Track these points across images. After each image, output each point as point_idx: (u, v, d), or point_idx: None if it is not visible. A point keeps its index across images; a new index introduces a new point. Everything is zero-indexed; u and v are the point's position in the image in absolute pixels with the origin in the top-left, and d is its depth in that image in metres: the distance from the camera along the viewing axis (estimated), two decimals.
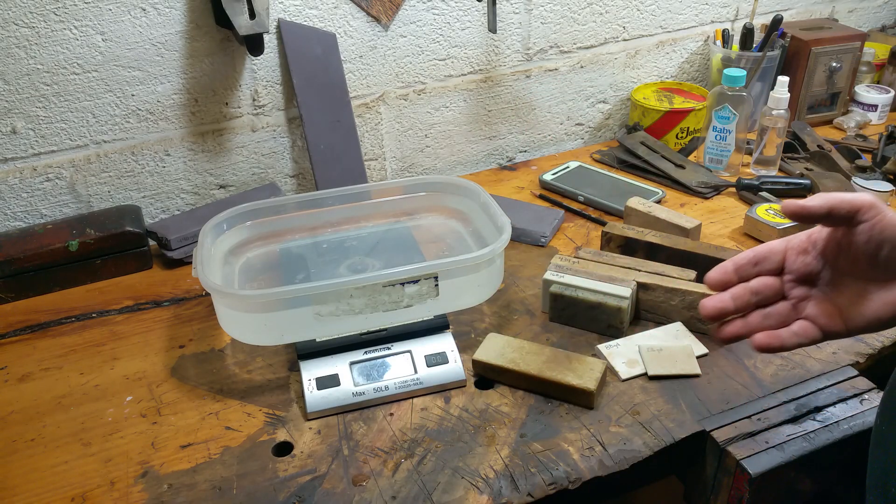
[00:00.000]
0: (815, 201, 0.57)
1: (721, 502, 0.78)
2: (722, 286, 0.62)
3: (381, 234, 1.03)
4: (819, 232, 0.61)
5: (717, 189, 1.22)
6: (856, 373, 0.84)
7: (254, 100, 1.14)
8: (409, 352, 0.84)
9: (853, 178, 1.20)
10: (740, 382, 0.83)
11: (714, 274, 0.62)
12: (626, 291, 0.89)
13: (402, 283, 0.83)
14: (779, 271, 0.62)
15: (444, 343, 0.85)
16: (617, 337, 0.89)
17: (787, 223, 1.06)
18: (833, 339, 0.60)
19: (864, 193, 0.58)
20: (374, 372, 0.83)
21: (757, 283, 0.62)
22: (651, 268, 0.93)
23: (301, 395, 0.82)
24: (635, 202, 1.08)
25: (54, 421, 0.81)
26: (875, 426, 0.60)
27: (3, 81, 0.99)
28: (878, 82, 1.52)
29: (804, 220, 0.58)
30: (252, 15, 1.00)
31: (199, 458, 0.76)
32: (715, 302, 0.61)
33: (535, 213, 1.16)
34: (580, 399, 0.80)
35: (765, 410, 0.79)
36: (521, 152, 1.41)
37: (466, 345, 0.89)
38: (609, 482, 0.73)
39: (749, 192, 1.20)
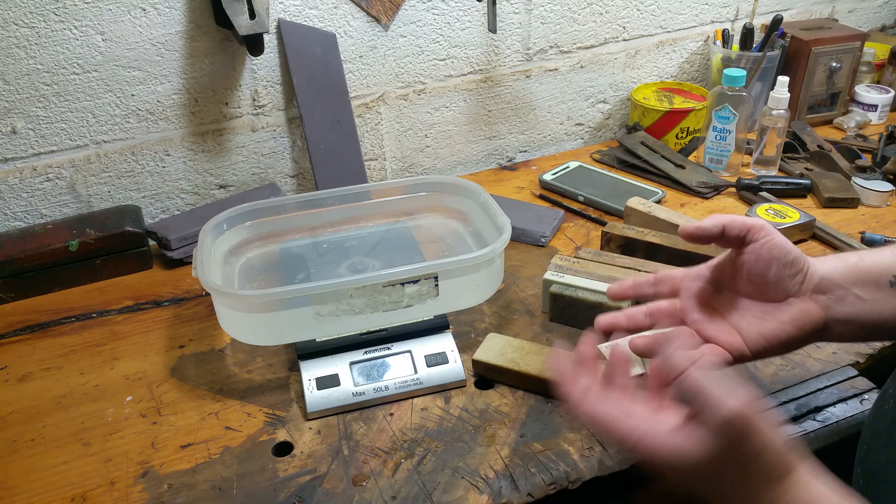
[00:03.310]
0: (709, 222, 0.61)
1: None
2: (619, 298, 0.68)
3: (381, 234, 1.03)
4: (715, 260, 0.65)
5: (717, 189, 1.23)
6: (856, 373, 0.84)
7: (254, 100, 1.14)
8: (409, 352, 0.84)
9: (853, 178, 1.20)
10: (740, 382, 0.83)
11: (614, 287, 0.68)
12: None
13: (402, 283, 0.83)
14: (674, 295, 0.67)
15: (444, 343, 0.85)
16: (617, 337, 0.89)
17: (787, 223, 1.06)
18: (740, 363, 0.62)
19: (756, 218, 0.63)
20: (374, 372, 0.83)
21: (652, 306, 0.67)
22: (651, 268, 0.93)
23: (301, 395, 0.82)
24: (635, 202, 1.08)
25: (54, 421, 0.81)
26: (857, 485, 0.60)
27: (3, 81, 0.99)
28: (878, 82, 1.52)
29: (699, 239, 0.62)
30: (252, 15, 1.00)
31: (199, 458, 0.76)
32: (608, 318, 0.67)
33: (535, 213, 1.16)
34: None
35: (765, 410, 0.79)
36: (521, 152, 1.41)
37: (466, 345, 0.89)
38: (609, 482, 0.73)
39: (749, 192, 1.20)
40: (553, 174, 1.26)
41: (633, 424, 0.52)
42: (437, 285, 0.84)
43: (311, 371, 0.82)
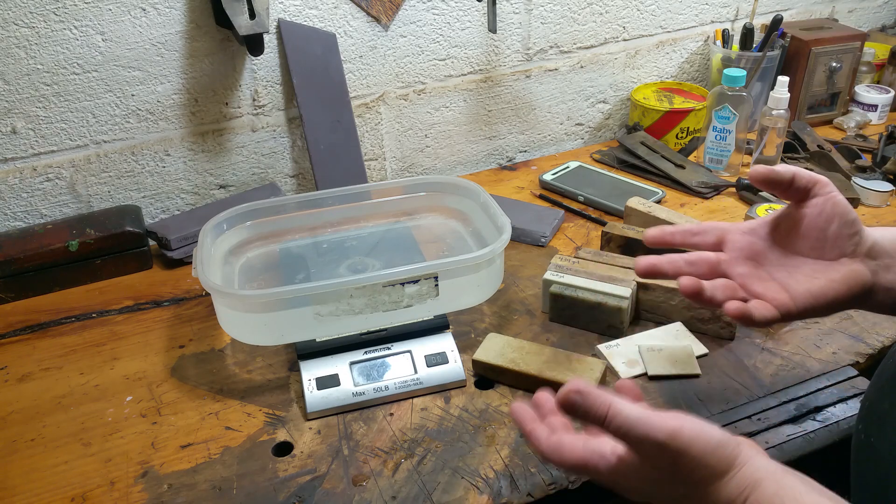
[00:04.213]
0: (781, 168, 0.60)
1: None
2: (657, 243, 0.66)
3: (381, 234, 1.03)
4: (766, 217, 0.65)
5: (717, 189, 1.22)
6: (856, 373, 0.84)
7: (254, 100, 1.14)
8: (409, 352, 0.84)
9: (853, 178, 1.20)
10: (740, 382, 0.83)
11: (652, 231, 0.66)
12: (626, 291, 0.89)
13: (402, 283, 0.83)
14: (716, 247, 0.66)
15: (444, 343, 0.85)
16: (617, 337, 0.89)
17: None
18: (784, 321, 0.62)
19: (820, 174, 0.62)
20: (374, 372, 0.83)
21: (693, 255, 0.65)
22: None
23: (301, 395, 0.82)
24: (635, 202, 1.08)
25: (54, 421, 0.81)
26: (859, 440, 0.60)
27: (3, 81, 0.99)
28: (878, 82, 1.52)
29: (770, 183, 0.61)
30: (252, 15, 1.00)
31: (199, 458, 0.76)
32: (650, 259, 0.65)
33: (535, 213, 1.16)
34: None
35: (765, 410, 0.79)
36: (521, 152, 1.41)
37: (466, 345, 0.89)
38: None
39: (749, 192, 1.19)
40: (553, 174, 1.26)
41: (593, 446, 0.52)
42: (437, 285, 0.84)
43: (311, 371, 0.82)
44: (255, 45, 1.04)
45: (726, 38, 1.40)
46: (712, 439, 0.49)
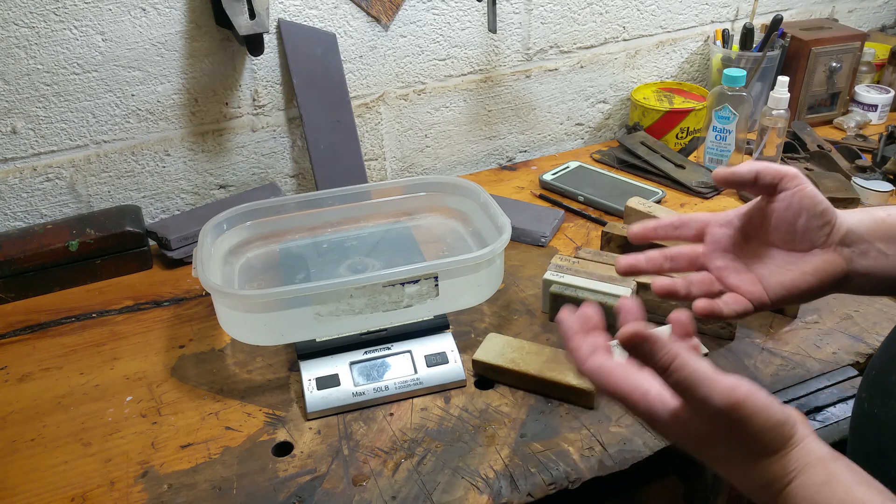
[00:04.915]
0: (743, 168, 0.60)
1: (721, 502, 0.78)
2: (641, 239, 0.66)
3: (381, 234, 1.03)
4: (744, 207, 0.65)
5: (717, 189, 1.22)
6: (856, 373, 0.84)
7: (254, 100, 1.14)
8: (409, 352, 0.84)
9: (853, 178, 1.20)
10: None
11: (635, 227, 0.66)
12: (626, 291, 0.89)
13: (402, 283, 0.83)
14: (698, 239, 0.66)
15: (444, 343, 0.85)
16: None
17: None
18: (758, 311, 0.62)
19: (789, 166, 0.61)
20: (374, 372, 0.83)
21: (672, 250, 0.66)
22: None
23: (301, 395, 0.82)
24: (635, 202, 1.08)
25: (54, 421, 0.81)
26: (861, 408, 0.60)
27: (3, 81, 0.99)
28: (878, 82, 1.52)
29: (733, 185, 0.61)
30: (252, 15, 1.00)
31: (199, 458, 0.76)
32: (629, 259, 0.65)
33: (535, 213, 1.16)
34: (580, 399, 0.80)
35: None
36: (521, 152, 1.41)
37: (466, 345, 0.89)
38: (609, 482, 0.73)
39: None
40: (553, 174, 1.26)
41: (637, 381, 0.51)
42: (437, 285, 0.84)
43: (311, 371, 0.82)
44: (255, 45, 1.04)
45: (726, 38, 1.40)
46: (773, 416, 0.48)
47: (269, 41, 1.11)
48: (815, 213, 0.60)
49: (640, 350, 0.49)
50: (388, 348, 0.84)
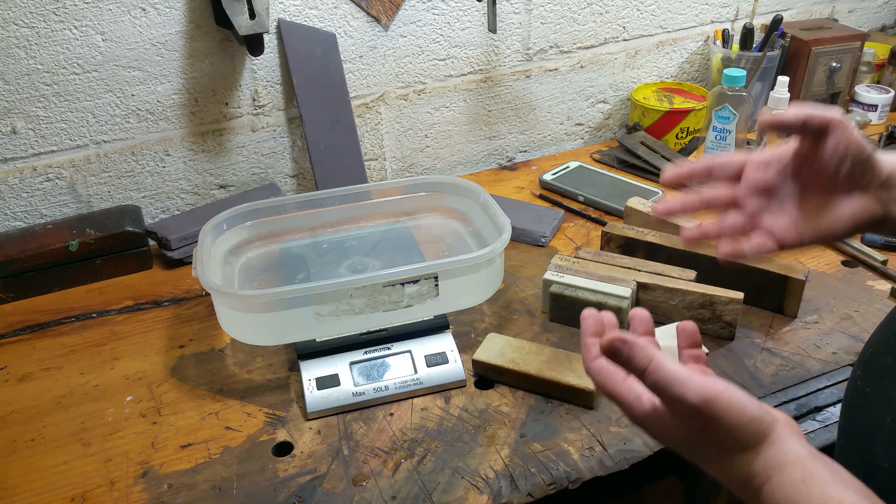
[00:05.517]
0: (790, 112, 0.59)
1: (721, 502, 0.78)
2: (675, 184, 0.66)
3: (381, 234, 1.03)
4: (784, 148, 0.64)
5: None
6: None
7: (254, 100, 1.14)
8: (409, 352, 0.84)
9: None
10: (740, 382, 0.83)
11: (669, 172, 0.66)
12: (626, 291, 0.89)
13: (402, 283, 0.83)
14: (732, 181, 0.66)
15: (444, 343, 0.85)
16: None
17: None
18: (786, 250, 0.63)
19: (835, 111, 0.60)
20: (374, 372, 0.83)
21: (709, 194, 0.66)
22: (651, 268, 0.94)
23: (301, 395, 0.82)
24: (635, 202, 1.08)
25: (54, 421, 0.81)
26: (854, 386, 0.61)
27: (3, 81, 0.99)
28: (878, 82, 1.52)
29: (780, 129, 0.60)
30: (252, 15, 1.00)
31: (199, 458, 0.76)
32: (665, 204, 0.66)
33: (535, 213, 1.16)
34: (580, 399, 0.80)
35: None
36: (521, 152, 1.41)
37: (466, 345, 0.89)
38: (609, 482, 0.73)
39: None
40: (553, 174, 1.26)
41: (631, 385, 0.52)
42: (437, 285, 0.84)
43: (311, 371, 0.82)
44: (255, 45, 1.04)
45: (726, 38, 1.40)
46: (747, 412, 0.49)
47: (269, 41, 1.11)
48: (861, 160, 0.59)
49: (619, 355, 0.50)
50: (388, 348, 0.84)
